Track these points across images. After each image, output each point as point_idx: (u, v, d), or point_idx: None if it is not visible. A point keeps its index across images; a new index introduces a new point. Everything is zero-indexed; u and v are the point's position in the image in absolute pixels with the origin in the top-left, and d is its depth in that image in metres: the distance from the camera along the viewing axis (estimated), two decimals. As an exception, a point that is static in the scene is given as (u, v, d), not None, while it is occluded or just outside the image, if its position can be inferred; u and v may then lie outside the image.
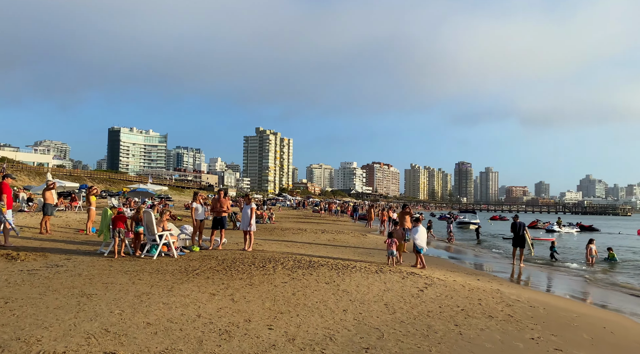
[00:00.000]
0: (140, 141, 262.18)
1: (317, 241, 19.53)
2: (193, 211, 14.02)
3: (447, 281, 10.39)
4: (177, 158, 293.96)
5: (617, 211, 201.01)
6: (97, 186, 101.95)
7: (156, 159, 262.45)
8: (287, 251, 14.55)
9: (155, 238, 11.90)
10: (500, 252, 23.78)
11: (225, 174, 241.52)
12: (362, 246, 18.73)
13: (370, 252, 16.50)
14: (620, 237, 41.12)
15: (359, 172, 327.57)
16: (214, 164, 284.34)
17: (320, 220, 39.48)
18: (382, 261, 13.62)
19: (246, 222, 13.97)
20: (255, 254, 12.73)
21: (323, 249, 16.29)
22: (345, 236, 22.54)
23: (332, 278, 9.59)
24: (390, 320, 6.88)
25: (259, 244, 15.94)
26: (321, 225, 31.57)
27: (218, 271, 9.86)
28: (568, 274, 16.54)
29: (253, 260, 11.49)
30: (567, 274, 16.55)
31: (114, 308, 6.51)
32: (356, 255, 15.25)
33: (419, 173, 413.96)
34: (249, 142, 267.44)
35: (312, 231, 23.67)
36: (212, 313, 6.62)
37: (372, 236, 23.42)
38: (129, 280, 8.65)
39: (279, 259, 11.79)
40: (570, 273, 16.88)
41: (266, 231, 23.16)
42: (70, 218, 21.75)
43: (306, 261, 11.59)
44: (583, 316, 8.29)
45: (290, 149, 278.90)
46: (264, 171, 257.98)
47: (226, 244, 15.01)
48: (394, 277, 10.17)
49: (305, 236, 21.41)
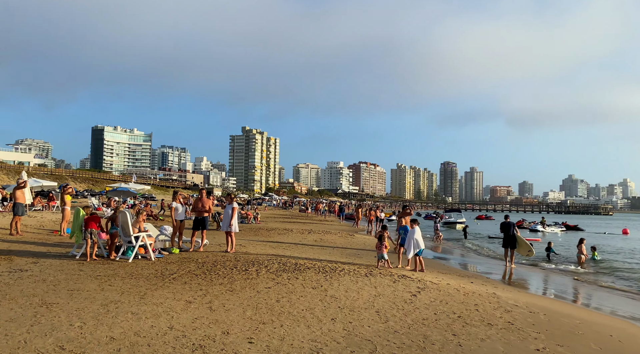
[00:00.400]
0: (124, 140, 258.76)
1: (304, 241, 18.92)
2: (173, 211, 13.30)
3: (441, 284, 9.85)
4: (162, 157, 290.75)
5: (599, 210, 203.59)
6: (80, 185, 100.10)
7: (141, 158, 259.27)
8: (272, 252, 13.91)
9: (130, 240, 11.18)
10: (489, 253, 23.43)
11: (211, 173, 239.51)
12: (350, 247, 18.16)
13: (358, 254, 15.93)
14: (607, 237, 41.20)
15: (346, 172, 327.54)
16: (199, 163, 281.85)
17: (307, 220, 38.88)
18: (371, 263, 13.05)
19: (227, 222, 13.29)
20: (237, 256, 12.07)
21: (310, 251, 15.68)
22: (333, 236, 21.96)
23: (319, 282, 8.98)
24: (382, 330, 6.29)
25: (243, 246, 15.28)
26: (308, 225, 30.96)
27: (197, 276, 9.19)
28: (561, 275, 16.15)
29: (235, 263, 10.84)
30: (561, 275, 16.16)
31: (75, 320, 5.81)
32: (344, 257, 14.66)
33: (405, 173, 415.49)
34: (235, 142, 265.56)
35: (299, 232, 23.05)
36: (187, 324, 5.97)
37: (360, 236, 22.88)
38: (98, 286, 7.94)
39: (263, 261, 11.14)
40: (563, 274, 16.50)
41: (251, 231, 22.48)
42: (45, 218, 20.83)
43: (292, 264, 10.97)
44: (586, 322, 7.80)
45: (276, 149, 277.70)
46: (250, 171, 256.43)
47: (208, 245, 14.32)
48: (384, 280, 9.60)
49: (292, 236, 20.78)
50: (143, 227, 11.51)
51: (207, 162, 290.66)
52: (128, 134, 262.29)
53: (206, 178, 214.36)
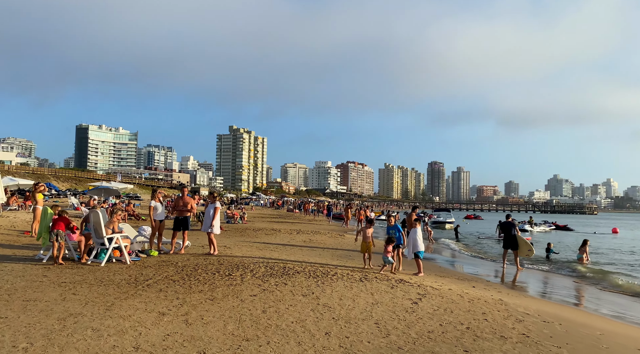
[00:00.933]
0: (109, 138, 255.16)
1: (292, 242, 18.06)
2: (151, 211, 12.35)
3: (442, 289, 9.07)
4: (148, 157, 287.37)
5: (584, 209, 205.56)
6: (62, 184, 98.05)
7: (126, 157, 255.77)
8: (258, 254, 13.04)
9: (103, 241, 10.22)
10: (483, 254, 22.76)
11: (198, 173, 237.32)
12: (340, 248, 17.34)
13: (349, 255, 15.12)
14: (597, 236, 40.95)
15: (334, 172, 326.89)
16: (186, 162, 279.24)
17: (295, 220, 37.99)
18: (361, 264, 12.25)
19: (208, 223, 12.38)
20: (221, 259, 11.16)
21: (299, 252, 14.83)
22: (322, 236, 21.12)
23: (310, 289, 8.13)
24: (385, 346, 5.47)
25: (228, 247, 14.37)
26: (296, 225, 30.08)
27: (174, 282, 8.28)
28: (563, 277, 15.48)
29: (218, 267, 9.94)
30: (562, 277, 15.49)
31: (21, 340, 4.89)
32: (335, 258, 13.84)
33: (393, 173, 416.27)
34: (222, 141, 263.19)
35: (287, 232, 22.18)
36: (157, 342, 5.08)
37: (350, 237, 22.05)
38: (60, 295, 7.01)
39: (249, 265, 10.26)
40: (565, 276, 15.83)
41: (237, 231, 21.55)
42: (18, 218, 19.68)
43: (280, 267, 10.10)
44: (608, 333, 7.05)
45: (264, 148, 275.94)
46: (237, 170, 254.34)
47: (189, 247, 13.40)
48: (381, 286, 8.78)
49: (280, 237, 19.91)
50: (117, 228, 10.55)
51: (194, 161, 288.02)
52: (113, 132, 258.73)
53: (193, 178, 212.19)
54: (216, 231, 12.51)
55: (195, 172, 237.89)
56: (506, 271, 15.20)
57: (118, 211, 10.93)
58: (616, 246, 30.53)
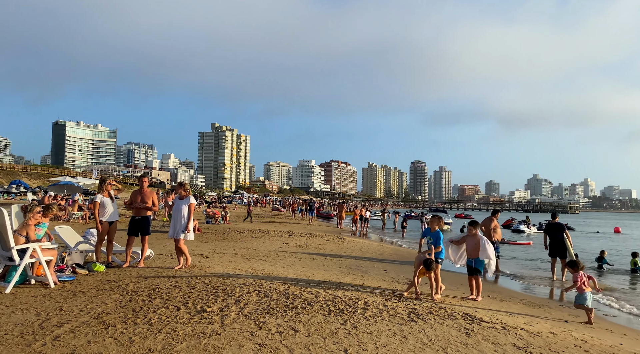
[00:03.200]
0: (87, 135, 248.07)
1: (285, 247, 14.75)
2: (96, 208, 8.91)
3: (533, 329, 5.86)
4: (128, 154, 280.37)
5: (566, 209, 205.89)
6: (34, 181, 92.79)
7: (105, 154, 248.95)
8: (246, 268, 9.69)
9: (11, 255, 6.78)
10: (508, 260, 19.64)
11: (179, 171, 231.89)
12: (345, 254, 14.11)
13: (361, 266, 11.87)
14: (602, 236, 38.44)
15: (317, 171, 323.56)
16: (166, 160, 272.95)
17: (283, 219, 34.63)
18: (390, 284, 9.02)
19: (176, 226, 9.02)
20: (194, 279, 7.77)
21: (297, 262, 11.52)
22: (319, 240, 17.82)
23: (339, 340, 4.81)
24: None
25: (205, 257, 10.99)
26: (285, 225, 26.75)
27: (107, 328, 4.89)
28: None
29: (187, 293, 6.58)
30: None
31: None
32: (347, 272, 10.58)
33: (376, 172, 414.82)
34: (204, 139, 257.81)
35: (277, 234, 18.82)
36: None
37: (351, 240, 18.82)
38: None
39: (234, 289, 6.90)
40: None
41: (218, 234, 18.13)
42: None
43: (280, 294, 6.76)
44: None
45: (247, 146, 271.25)
46: (219, 168, 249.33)
47: (152, 258, 10.00)
48: (449, 331, 5.46)
49: (269, 240, 16.55)
50: (34, 235, 7.11)
51: (175, 159, 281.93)
52: (92, 129, 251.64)
53: (174, 176, 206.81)
54: (189, 237, 9.15)
55: (177, 170, 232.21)
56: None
57: (34, 207, 7.41)
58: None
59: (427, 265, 7.44)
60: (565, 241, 12.46)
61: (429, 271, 7.47)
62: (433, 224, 8.25)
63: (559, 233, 12.47)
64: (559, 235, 12.46)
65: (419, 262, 7.62)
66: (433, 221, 8.31)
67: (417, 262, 7.69)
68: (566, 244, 12.46)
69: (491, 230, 12.55)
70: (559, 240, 12.45)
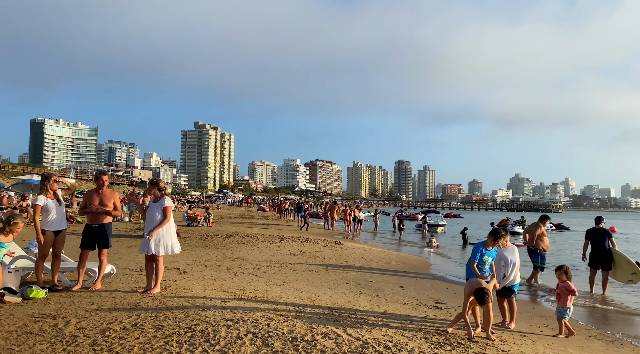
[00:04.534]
0: (67, 133, 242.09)
1: (278, 256, 12.74)
2: (37, 214, 6.81)
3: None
4: (109, 153, 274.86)
5: (549, 208, 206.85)
6: (7, 180, 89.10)
7: (85, 153, 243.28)
8: (232, 288, 7.68)
9: None
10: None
11: (161, 170, 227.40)
12: (347, 264, 12.17)
13: (371, 282, 9.94)
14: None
15: (302, 170, 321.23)
16: (148, 159, 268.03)
17: (270, 221, 32.59)
18: (408, 304, 7.12)
19: (152, 238, 6.96)
20: (162, 314, 5.73)
21: (293, 276, 9.55)
22: (315, 245, 15.84)
23: None
24: None
25: (181, 273, 8.94)
26: (274, 228, 24.74)
27: None
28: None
29: (151, 338, 4.56)
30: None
31: None
32: (355, 289, 8.65)
33: (361, 171, 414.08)
34: (187, 137, 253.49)
35: (266, 239, 16.78)
36: None
37: (349, 245, 16.88)
38: None
39: (217, 331, 4.89)
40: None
41: (200, 239, 16.05)
42: None
43: (283, 339, 4.75)
44: None
45: (231, 145, 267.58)
46: (203, 167, 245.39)
47: (113, 275, 7.93)
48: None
49: (258, 247, 14.52)
50: None
51: (157, 158, 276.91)
52: (71, 127, 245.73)
53: (156, 175, 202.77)
54: (169, 251, 7.06)
55: (159, 169, 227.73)
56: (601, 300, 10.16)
57: None
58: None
59: (480, 297, 5.52)
60: (612, 250, 10.62)
61: (481, 304, 5.56)
62: (498, 241, 6.32)
63: (603, 241, 10.64)
64: (603, 243, 10.63)
65: (471, 290, 5.70)
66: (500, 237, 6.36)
67: (469, 289, 5.78)
68: (614, 254, 10.59)
69: (536, 237, 10.77)
70: (604, 249, 10.62)
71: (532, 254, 11.23)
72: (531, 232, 11.03)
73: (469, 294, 5.70)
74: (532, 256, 11.22)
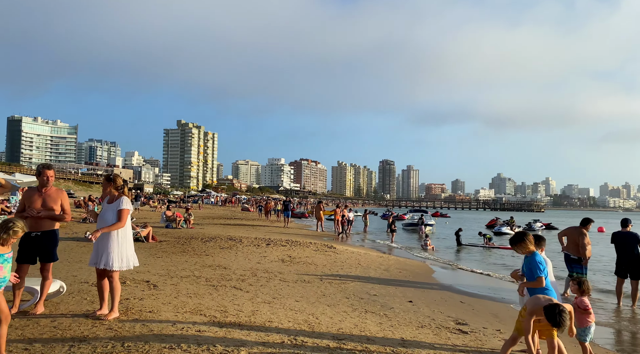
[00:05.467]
0: (46, 132, 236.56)
1: (265, 263, 11.31)
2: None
3: None
4: (90, 152, 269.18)
5: (532, 207, 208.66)
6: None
7: (65, 152, 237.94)
8: (211, 309, 6.23)
9: None
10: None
11: (143, 169, 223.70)
12: (344, 273, 10.80)
13: (373, 294, 8.59)
14: (593, 238, 36.32)
15: (287, 169, 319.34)
16: (130, 158, 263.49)
17: (255, 222, 31.09)
18: (426, 326, 5.79)
19: (100, 248, 5.49)
20: (115, 351, 4.29)
21: (284, 289, 8.14)
22: (305, 250, 14.42)
23: None
24: None
25: (152, 285, 7.47)
26: (259, 230, 23.28)
27: None
28: None
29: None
30: None
31: None
32: (359, 306, 7.28)
33: (346, 170, 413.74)
34: (169, 136, 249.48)
35: (251, 243, 15.31)
36: None
37: (343, 249, 15.50)
38: None
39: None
40: None
41: (178, 243, 14.52)
42: None
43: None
44: None
45: (215, 144, 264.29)
46: (185, 167, 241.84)
47: (64, 293, 6.42)
48: None
49: (243, 252, 13.05)
50: None
51: (139, 157, 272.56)
52: (50, 125, 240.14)
53: (137, 174, 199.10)
54: (124, 266, 5.61)
55: (140, 168, 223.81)
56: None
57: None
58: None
59: (552, 316, 4.18)
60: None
61: (557, 327, 4.23)
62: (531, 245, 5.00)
63: (632, 247, 9.43)
64: (633, 249, 9.42)
65: (535, 307, 4.37)
66: (538, 242, 5.06)
67: (532, 307, 4.43)
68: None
69: (579, 244, 9.41)
70: (632, 255, 9.41)
71: (574, 264, 9.64)
72: (573, 237, 9.59)
73: (532, 311, 4.36)
74: (575, 267, 9.61)
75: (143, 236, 14.62)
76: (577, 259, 9.52)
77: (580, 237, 9.46)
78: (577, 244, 9.43)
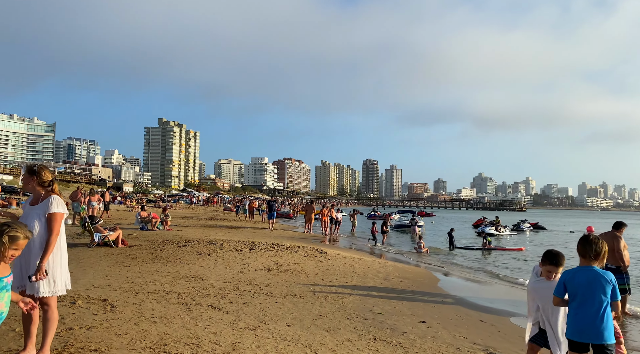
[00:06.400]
0: (21, 129, 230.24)
1: (249, 272, 9.87)
2: None
3: None
4: (69, 150, 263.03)
5: (513, 206, 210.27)
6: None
7: (42, 150, 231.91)
8: (178, 340, 4.80)
9: None
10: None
11: (123, 168, 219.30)
12: (340, 284, 9.44)
13: (378, 313, 7.24)
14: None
15: (270, 168, 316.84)
16: (110, 157, 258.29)
17: (238, 223, 29.54)
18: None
19: (27, 266, 4.04)
20: None
21: (272, 308, 6.74)
22: (293, 255, 12.99)
23: None
24: None
25: (110, 307, 6.00)
26: (242, 232, 21.79)
27: None
28: None
29: None
30: None
31: None
32: (364, 331, 5.93)
33: (329, 170, 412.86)
34: (150, 134, 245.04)
35: (233, 247, 13.82)
36: None
37: (335, 254, 14.10)
38: None
39: None
40: None
41: (151, 248, 12.97)
42: None
43: None
44: None
45: (196, 143, 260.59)
46: (167, 166, 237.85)
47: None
48: None
49: (223, 259, 11.57)
50: None
51: (119, 155, 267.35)
52: (27, 123, 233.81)
53: (117, 173, 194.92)
54: (56, 291, 4.16)
55: (120, 167, 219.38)
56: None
57: None
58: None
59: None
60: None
61: None
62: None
63: None
64: None
65: None
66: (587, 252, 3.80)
67: None
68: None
69: (614, 250, 8.20)
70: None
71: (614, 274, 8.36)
72: (609, 244, 8.40)
73: None
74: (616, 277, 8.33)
75: (112, 240, 13.05)
76: (615, 268, 8.28)
77: (614, 241, 8.28)
78: (613, 251, 8.22)
